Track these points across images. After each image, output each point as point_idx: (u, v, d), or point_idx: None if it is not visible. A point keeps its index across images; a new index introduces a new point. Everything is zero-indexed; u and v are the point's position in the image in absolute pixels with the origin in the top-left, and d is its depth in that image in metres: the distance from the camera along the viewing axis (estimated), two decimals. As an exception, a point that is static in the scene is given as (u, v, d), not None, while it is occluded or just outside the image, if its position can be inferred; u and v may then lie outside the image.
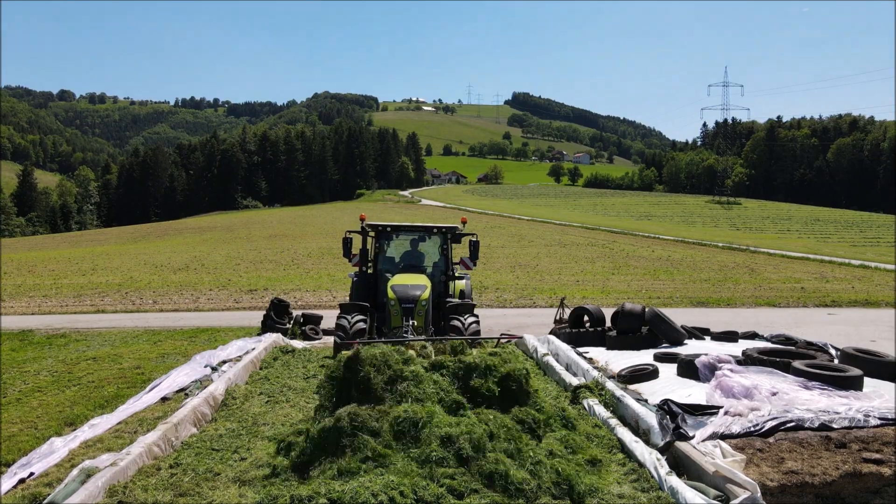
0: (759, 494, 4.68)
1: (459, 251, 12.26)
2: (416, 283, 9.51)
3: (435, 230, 11.22)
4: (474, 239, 11.18)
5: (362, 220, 11.15)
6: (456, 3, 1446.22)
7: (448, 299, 10.52)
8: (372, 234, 11.24)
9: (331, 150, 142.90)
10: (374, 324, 9.74)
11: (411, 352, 6.78)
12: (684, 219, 77.58)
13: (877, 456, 5.45)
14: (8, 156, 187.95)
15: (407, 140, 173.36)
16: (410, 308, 9.05)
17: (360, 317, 9.20)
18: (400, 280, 9.73)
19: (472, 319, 9.48)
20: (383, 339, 8.07)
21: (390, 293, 9.21)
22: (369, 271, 11.23)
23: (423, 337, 8.39)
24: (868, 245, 48.86)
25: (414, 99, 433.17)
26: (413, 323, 8.96)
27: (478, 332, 9.33)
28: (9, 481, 5.57)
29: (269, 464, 5.44)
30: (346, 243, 10.93)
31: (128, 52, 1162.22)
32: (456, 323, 9.37)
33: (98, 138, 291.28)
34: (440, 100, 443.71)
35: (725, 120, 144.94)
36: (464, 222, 11.65)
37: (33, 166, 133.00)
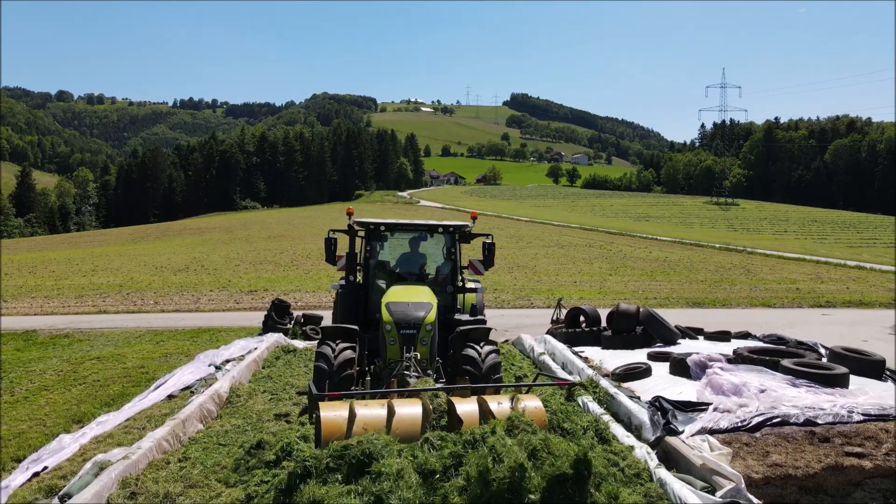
0: (744, 486, 4.90)
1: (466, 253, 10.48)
2: (419, 301, 7.49)
3: (440, 229, 9.20)
4: (489, 241, 9.39)
5: (349, 214, 9.15)
6: (455, 4, 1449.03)
7: (456, 317, 8.72)
8: (361, 233, 9.21)
9: (329, 151, 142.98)
10: (363, 351, 7.67)
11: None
12: (682, 220, 77.76)
13: (858, 450, 5.67)
14: (6, 157, 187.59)
15: (405, 141, 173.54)
16: (412, 335, 7.08)
17: (347, 347, 7.20)
18: (397, 296, 7.67)
19: (489, 350, 7.38)
20: (373, 391, 5.98)
21: (385, 314, 7.25)
22: (359, 280, 9.24)
23: (437, 385, 6.19)
24: (864, 246, 49.10)
25: (412, 100, 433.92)
26: (416, 355, 6.94)
27: (497, 368, 7.30)
28: (23, 475, 5.77)
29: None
30: (330, 244, 9.07)
31: (126, 53, 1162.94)
32: (470, 354, 7.28)
33: (96, 139, 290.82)
34: (439, 101, 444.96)
35: (723, 121, 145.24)
36: (474, 218, 9.52)
37: (31, 167, 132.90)
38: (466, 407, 5.37)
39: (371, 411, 5.13)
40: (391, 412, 5.11)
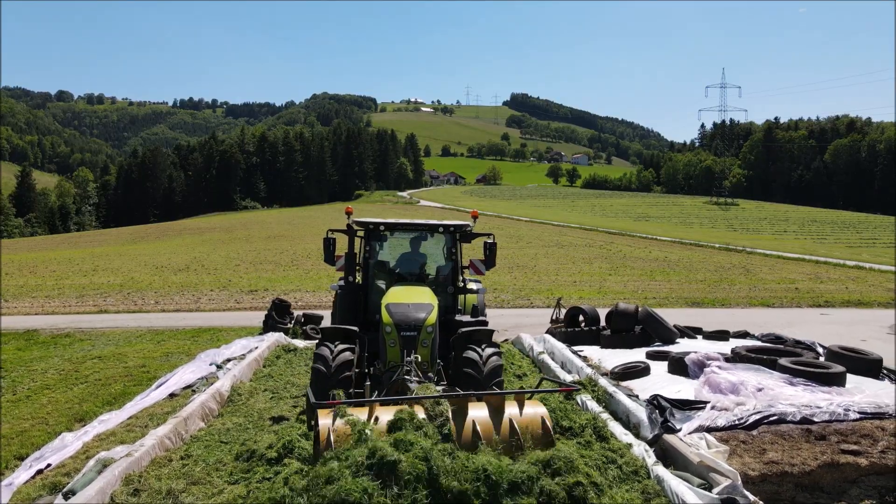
0: (740, 482, 4.95)
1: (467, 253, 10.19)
2: (419, 302, 7.35)
3: (440, 228, 9.05)
4: (490, 240, 9.16)
5: (348, 213, 8.94)
6: (455, 4, 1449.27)
7: (457, 318, 8.60)
8: (361, 233, 9.08)
9: (329, 151, 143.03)
10: (364, 353, 7.49)
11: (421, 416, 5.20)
12: (682, 220, 77.84)
13: (854, 447, 5.73)
14: (6, 157, 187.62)
15: (405, 141, 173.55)
16: (412, 337, 6.95)
17: (346, 349, 7.04)
18: (397, 297, 7.54)
19: (492, 354, 7.20)
20: (378, 399, 5.75)
21: (385, 316, 7.12)
22: (358, 280, 9.06)
23: (439, 388, 6.06)
24: (864, 246, 49.14)
25: (412, 100, 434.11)
26: (417, 357, 6.80)
27: (499, 372, 7.18)
28: (26, 473, 5.83)
29: None
30: (328, 245, 8.91)
31: (126, 53, 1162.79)
32: (471, 356, 7.12)
33: (96, 139, 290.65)
34: (439, 101, 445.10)
35: (723, 121, 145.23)
36: (475, 217, 9.31)
37: (31, 167, 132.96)
38: (480, 413, 5.23)
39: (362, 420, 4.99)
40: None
